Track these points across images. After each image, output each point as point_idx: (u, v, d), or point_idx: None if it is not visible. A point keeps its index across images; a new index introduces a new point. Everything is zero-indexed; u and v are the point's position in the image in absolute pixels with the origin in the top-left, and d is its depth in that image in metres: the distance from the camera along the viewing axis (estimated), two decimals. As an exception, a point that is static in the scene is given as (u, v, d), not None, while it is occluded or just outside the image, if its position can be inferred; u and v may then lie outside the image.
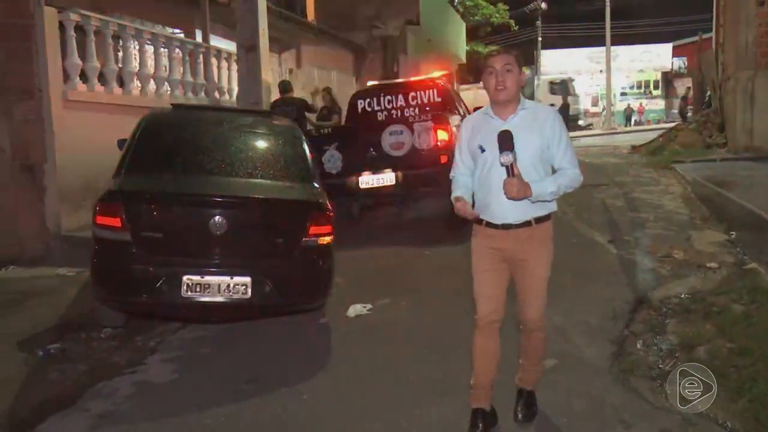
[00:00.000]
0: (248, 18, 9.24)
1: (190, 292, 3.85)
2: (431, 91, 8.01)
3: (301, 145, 4.90)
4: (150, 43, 8.56)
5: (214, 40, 10.88)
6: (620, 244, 6.48)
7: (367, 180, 7.44)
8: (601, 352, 3.91)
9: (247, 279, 3.91)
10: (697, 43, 20.16)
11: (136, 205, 4.00)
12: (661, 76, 39.61)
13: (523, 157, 2.79)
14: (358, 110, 8.18)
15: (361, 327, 4.59)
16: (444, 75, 9.60)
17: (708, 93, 15.63)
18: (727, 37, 12.97)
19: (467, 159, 3.00)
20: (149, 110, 5.26)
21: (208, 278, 3.88)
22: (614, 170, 12.07)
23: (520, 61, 2.91)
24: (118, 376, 3.79)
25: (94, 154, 6.38)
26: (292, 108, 9.00)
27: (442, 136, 7.25)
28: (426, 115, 7.69)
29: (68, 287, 5.35)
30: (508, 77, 2.84)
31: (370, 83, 10.03)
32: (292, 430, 3.19)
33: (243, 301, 3.93)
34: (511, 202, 2.81)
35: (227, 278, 3.89)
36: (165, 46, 8.95)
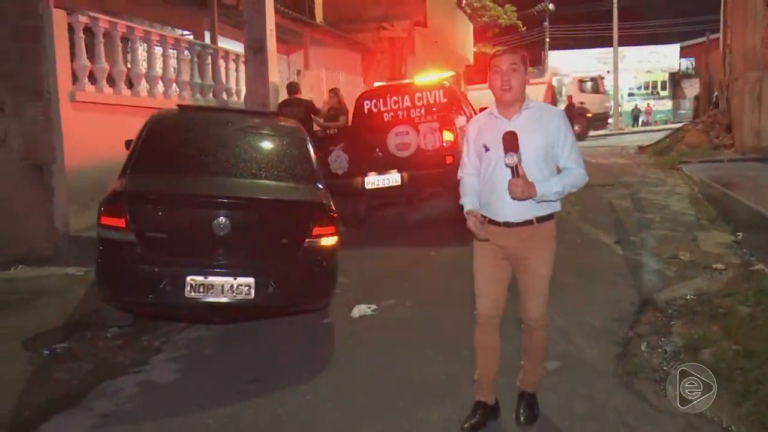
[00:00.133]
0: (256, 19, 9.28)
1: (193, 293, 3.86)
2: (437, 92, 8.03)
3: (306, 146, 4.91)
4: (158, 45, 8.61)
5: (222, 42, 10.92)
6: (626, 244, 6.47)
7: (373, 180, 7.46)
8: (605, 354, 3.89)
9: (251, 280, 3.92)
10: (704, 44, 20.06)
11: (141, 206, 4.02)
12: (668, 76, 39.42)
13: (528, 157, 2.80)
14: (365, 111, 8.20)
15: (365, 328, 4.58)
16: (450, 76, 9.61)
17: (715, 94, 15.56)
18: (735, 38, 12.92)
19: (474, 159, 3.03)
20: (156, 111, 5.29)
21: (212, 279, 3.89)
22: (621, 170, 12.05)
23: (525, 61, 2.92)
24: (123, 376, 3.81)
25: (103, 154, 6.44)
26: (299, 109, 9.04)
27: (448, 137, 7.25)
28: (432, 116, 7.70)
29: (76, 287, 5.39)
30: (514, 77, 2.84)
31: (377, 84, 10.06)
32: (292, 430, 3.19)
33: (246, 302, 3.95)
34: (514, 201, 2.82)
35: (231, 279, 3.91)
36: (173, 48, 8.99)
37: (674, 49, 38.47)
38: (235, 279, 3.91)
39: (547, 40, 38.89)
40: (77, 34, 6.95)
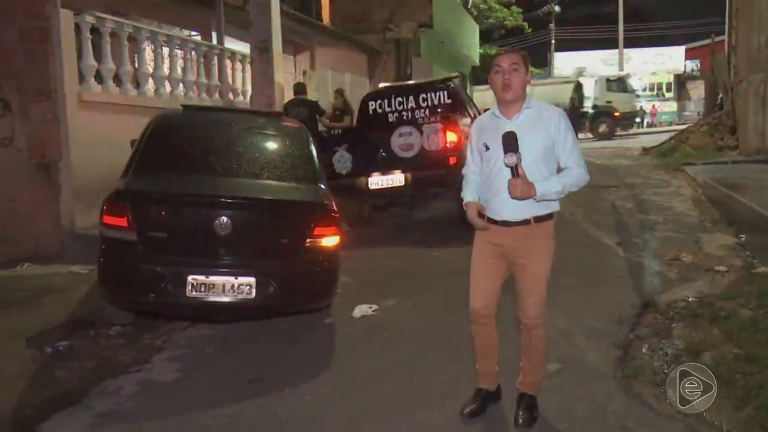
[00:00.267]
0: (262, 20, 9.32)
1: (195, 292, 3.88)
2: (441, 93, 8.02)
3: (308, 147, 4.92)
4: (165, 45, 8.65)
5: (229, 42, 10.95)
6: (628, 246, 6.45)
7: (377, 181, 7.48)
8: (606, 357, 3.89)
9: (252, 279, 3.93)
10: (709, 46, 19.98)
11: (142, 205, 4.03)
12: (673, 78, 39.25)
13: (528, 156, 2.83)
14: (369, 111, 8.21)
15: (366, 328, 4.59)
16: (455, 76, 9.61)
17: (720, 95, 15.51)
18: (740, 40, 12.91)
19: (476, 158, 3.08)
20: (159, 111, 5.32)
21: (213, 278, 3.90)
22: (625, 172, 12.03)
23: (527, 61, 2.94)
24: (124, 375, 3.82)
25: (109, 153, 6.45)
26: (304, 109, 9.09)
27: (451, 137, 7.26)
28: (436, 117, 7.71)
29: (80, 284, 5.40)
30: (515, 76, 2.87)
31: (382, 85, 10.07)
32: (292, 430, 3.19)
33: (247, 301, 3.96)
34: (513, 200, 2.85)
35: (232, 278, 3.92)
36: (180, 48, 9.03)
37: (679, 50, 38.33)
38: (236, 279, 3.92)
39: (553, 41, 38.81)
40: (84, 35, 7.00)
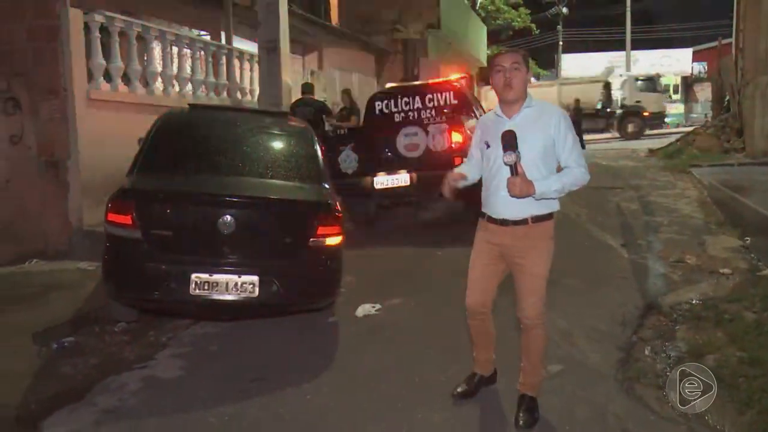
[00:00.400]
0: (269, 20, 9.33)
1: (198, 290, 3.89)
2: (448, 94, 8.02)
3: (313, 146, 4.94)
4: (174, 45, 8.70)
5: (237, 42, 10.99)
6: (633, 247, 6.44)
7: (382, 180, 7.51)
8: (608, 358, 3.88)
9: (255, 278, 3.94)
10: (717, 49, 19.85)
11: (147, 204, 4.06)
12: (680, 80, 39.05)
13: (527, 155, 2.85)
14: (375, 111, 8.22)
15: (369, 327, 4.60)
16: (462, 77, 9.60)
17: (727, 98, 15.44)
18: (747, 43, 12.84)
19: (477, 155, 3.16)
20: (166, 110, 5.35)
21: (217, 276, 3.92)
22: (631, 173, 12.00)
23: (527, 61, 2.98)
24: (128, 371, 3.85)
25: (117, 151, 6.44)
26: (310, 109, 9.11)
27: (457, 138, 7.28)
28: (441, 118, 7.71)
29: (88, 281, 5.45)
30: (516, 75, 2.90)
31: (390, 85, 10.09)
32: (294, 429, 3.20)
33: (250, 300, 3.97)
34: (511, 198, 2.88)
35: (235, 277, 3.93)
36: (188, 47, 9.08)
37: (687, 53, 38.12)
38: (240, 277, 3.94)
39: (561, 43, 38.71)
40: (93, 33, 7.04)
